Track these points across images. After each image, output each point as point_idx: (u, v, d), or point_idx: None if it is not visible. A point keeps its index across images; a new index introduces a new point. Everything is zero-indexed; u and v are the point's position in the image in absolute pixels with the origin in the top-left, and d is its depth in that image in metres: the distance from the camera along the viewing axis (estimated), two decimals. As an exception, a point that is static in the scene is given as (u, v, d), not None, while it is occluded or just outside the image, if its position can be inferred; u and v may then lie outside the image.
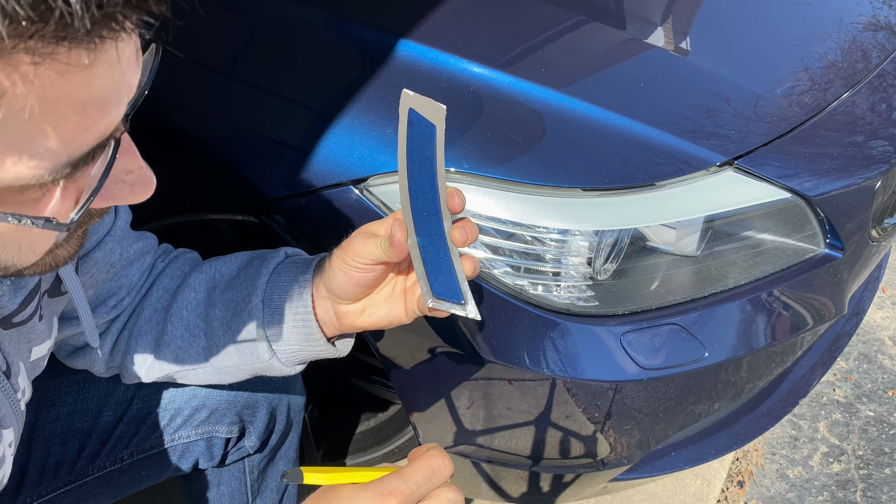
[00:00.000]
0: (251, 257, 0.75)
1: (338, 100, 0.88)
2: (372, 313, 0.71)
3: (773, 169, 0.92)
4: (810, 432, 1.75)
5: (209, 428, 0.89)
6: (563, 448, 1.03)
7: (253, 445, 0.94)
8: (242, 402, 0.89)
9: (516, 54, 0.94)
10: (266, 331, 0.71)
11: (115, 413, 0.85)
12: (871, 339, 2.00)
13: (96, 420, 0.84)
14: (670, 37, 1.06)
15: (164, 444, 0.88)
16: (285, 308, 0.70)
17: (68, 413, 0.83)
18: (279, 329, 0.71)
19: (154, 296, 0.76)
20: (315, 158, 0.87)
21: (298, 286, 0.70)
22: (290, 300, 0.70)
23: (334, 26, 0.93)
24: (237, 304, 0.72)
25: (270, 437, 0.95)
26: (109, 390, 0.84)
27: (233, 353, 0.73)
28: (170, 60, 1.05)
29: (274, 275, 0.72)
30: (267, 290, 0.71)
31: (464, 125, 0.87)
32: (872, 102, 1.08)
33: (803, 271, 0.98)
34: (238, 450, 0.94)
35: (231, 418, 0.89)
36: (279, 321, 0.70)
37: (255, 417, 0.91)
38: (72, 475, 0.84)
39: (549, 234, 0.87)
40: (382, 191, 0.86)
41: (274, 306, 0.70)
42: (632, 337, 0.91)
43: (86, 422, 0.84)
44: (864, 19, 1.23)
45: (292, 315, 0.70)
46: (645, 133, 0.89)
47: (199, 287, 0.74)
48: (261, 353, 0.72)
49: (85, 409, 0.84)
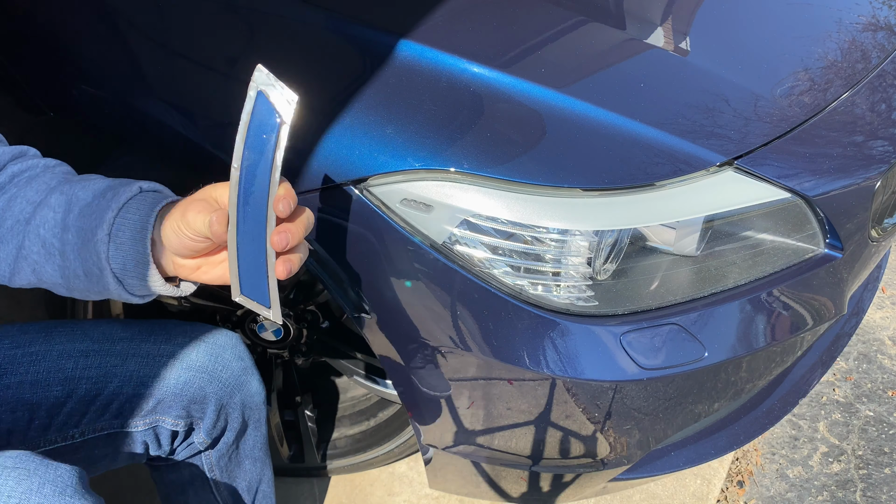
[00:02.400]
0: (107, 186, 0.76)
1: (338, 100, 0.88)
2: (207, 271, 0.73)
3: (773, 169, 0.92)
4: (810, 432, 1.75)
5: (156, 418, 0.90)
6: (563, 448, 1.03)
7: (202, 442, 0.94)
8: (190, 397, 0.89)
9: (516, 54, 0.94)
10: (111, 264, 0.73)
11: (64, 390, 0.87)
12: (871, 338, 2.00)
13: (45, 394, 0.86)
14: (670, 37, 1.06)
15: (113, 427, 0.89)
16: (128, 246, 0.73)
17: (18, 383, 0.85)
18: (122, 264, 0.73)
19: (17, 206, 0.77)
20: (315, 158, 0.87)
21: (141, 228, 0.73)
22: (133, 240, 0.73)
23: (334, 26, 0.93)
24: (86, 233, 0.74)
25: (223, 434, 0.95)
26: (60, 366, 0.86)
27: (83, 278, 0.76)
28: (170, 60, 1.06)
29: (123, 210, 0.73)
30: (114, 226, 0.72)
31: (464, 125, 0.87)
32: (872, 102, 1.08)
33: (803, 271, 0.98)
34: (188, 445, 0.95)
35: (178, 412, 0.90)
36: (122, 257, 0.73)
37: (204, 414, 0.91)
38: (24, 444, 0.86)
39: (548, 234, 0.88)
40: (382, 191, 0.86)
41: (119, 242, 0.73)
42: (632, 337, 0.91)
43: (34, 394, 0.86)
44: (864, 19, 1.23)
45: (134, 254, 0.73)
46: (645, 133, 0.89)
47: (58, 208, 0.76)
48: (108, 283, 0.74)
49: (34, 381, 0.86)
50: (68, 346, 0.87)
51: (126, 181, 0.76)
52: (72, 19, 1.02)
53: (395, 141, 0.86)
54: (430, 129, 0.86)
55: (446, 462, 1.12)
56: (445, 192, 0.85)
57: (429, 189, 0.85)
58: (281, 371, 1.35)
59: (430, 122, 0.86)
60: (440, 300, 0.90)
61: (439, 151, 0.85)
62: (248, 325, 1.25)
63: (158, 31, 0.98)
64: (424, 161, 0.85)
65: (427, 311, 0.91)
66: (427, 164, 0.85)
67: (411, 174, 0.85)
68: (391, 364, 1.00)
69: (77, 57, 1.03)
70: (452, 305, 0.90)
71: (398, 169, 0.85)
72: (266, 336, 1.27)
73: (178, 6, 0.98)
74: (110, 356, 0.88)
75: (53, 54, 1.04)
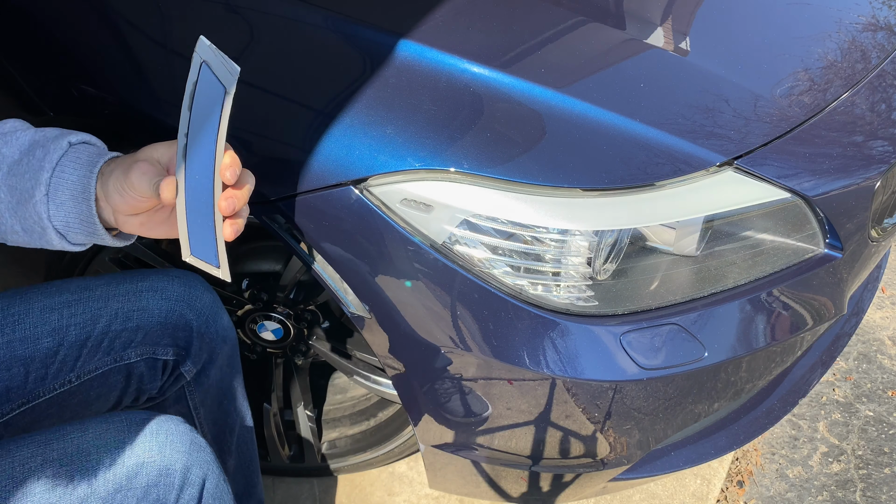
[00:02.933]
0: (33, 142, 0.77)
1: (338, 100, 0.88)
2: (151, 228, 0.75)
3: (773, 169, 0.92)
4: (810, 432, 1.75)
5: (146, 349, 0.95)
6: (563, 448, 1.03)
7: (189, 371, 1.00)
8: (174, 324, 0.95)
9: (516, 54, 0.94)
10: (52, 223, 0.74)
11: (54, 340, 0.90)
12: (871, 338, 2.00)
13: (36, 346, 0.89)
14: (670, 37, 1.06)
15: (107, 365, 0.94)
16: (70, 206, 0.74)
17: (7, 343, 0.88)
18: (65, 222, 0.75)
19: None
20: (315, 158, 0.87)
21: (83, 189, 0.74)
22: (74, 199, 0.74)
23: (334, 26, 0.93)
24: (21, 193, 0.75)
25: (205, 367, 1.01)
26: (45, 319, 0.90)
27: (21, 233, 0.77)
28: (170, 60, 1.06)
29: (58, 169, 0.74)
30: (51, 185, 0.73)
31: (464, 125, 0.87)
32: (872, 102, 1.08)
33: (803, 271, 0.98)
34: (176, 378, 1.00)
35: (166, 340, 0.95)
36: (64, 216, 0.74)
37: (190, 342, 0.97)
38: (24, 397, 0.89)
39: (548, 234, 0.88)
40: (382, 191, 0.86)
41: (59, 201, 0.74)
42: (631, 337, 0.91)
43: (26, 349, 0.89)
44: (864, 19, 1.23)
45: (77, 213, 0.74)
46: (645, 133, 0.89)
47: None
48: (50, 238, 0.76)
49: (23, 337, 0.89)
50: (48, 301, 0.90)
51: (52, 134, 0.77)
52: (72, 19, 1.02)
53: (395, 141, 0.86)
54: (430, 129, 0.86)
55: (446, 462, 1.12)
56: (445, 192, 0.85)
57: (429, 189, 0.85)
58: (281, 371, 1.35)
59: (430, 122, 0.86)
60: (440, 300, 0.90)
61: (439, 151, 0.85)
62: (248, 326, 1.25)
63: (158, 32, 0.98)
64: (424, 161, 0.85)
65: (427, 312, 0.91)
66: (427, 164, 0.85)
67: (411, 174, 0.85)
68: (391, 364, 1.00)
69: (77, 57, 1.03)
70: (452, 305, 0.90)
71: (398, 169, 0.85)
72: (266, 336, 1.27)
73: (178, 6, 0.98)
74: (92, 301, 0.92)
75: (53, 54, 1.04)
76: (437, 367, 0.96)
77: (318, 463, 1.44)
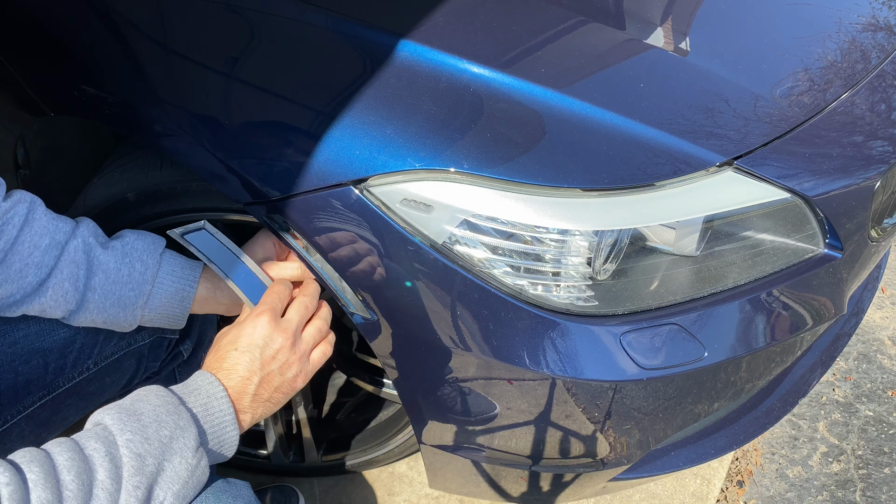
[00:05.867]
0: (127, 253, 0.89)
1: (338, 100, 0.88)
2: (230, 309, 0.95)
3: (773, 169, 0.92)
4: (810, 432, 1.75)
5: (156, 328, 1.01)
6: (563, 447, 1.03)
7: (187, 349, 1.07)
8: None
9: (516, 54, 0.94)
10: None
11: (70, 329, 0.93)
12: (871, 338, 2.00)
13: (53, 337, 0.92)
14: (670, 37, 1.06)
15: (121, 349, 0.99)
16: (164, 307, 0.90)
17: (24, 336, 0.91)
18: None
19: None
20: (315, 158, 0.87)
21: (181, 297, 0.91)
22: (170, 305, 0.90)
23: (334, 26, 0.93)
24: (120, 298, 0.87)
25: (195, 346, 1.08)
26: None
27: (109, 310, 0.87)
28: (170, 60, 1.06)
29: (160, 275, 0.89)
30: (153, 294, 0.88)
31: (464, 125, 0.87)
32: (872, 102, 1.08)
33: (803, 271, 0.98)
34: (174, 357, 1.07)
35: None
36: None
37: (192, 323, 1.06)
38: (44, 388, 0.92)
39: (548, 234, 0.88)
40: (382, 191, 0.86)
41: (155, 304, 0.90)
42: (631, 337, 0.91)
43: (43, 340, 0.91)
44: (863, 19, 1.23)
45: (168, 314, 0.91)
46: (645, 133, 0.89)
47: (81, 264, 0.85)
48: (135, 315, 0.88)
49: (39, 330, 0.92)
50: None
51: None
52: (72, 19, 1.02)
53: (395, 141, 0.86)
54: (430, 129, 0.86)
55: (446, 462, 1.12)
56: (445, 192, 0.85)
57: (429, 189, 0.85)
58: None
59: (430, 122, 0.86)
60: (440, 300, 0.90)
61: (439, 151, 0.85)
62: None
63: (159, 31, 0.98)
64: (424, 161, 0.85)
65: (427, 312, 0.91)
66: (427, 164, 0.85)
67: (411, 174, 0.85)
68: (391, 364, 1.00)
69: (77, 57, 1.03)
70: (452, 305, 0.90)
71: (398, 169, 0.85)
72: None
73: (178, 6, 0.98)
74: None
75: (53, 54, 1.04)
76: (437, 368, 0.96)
77: (319, 463, 1.44)
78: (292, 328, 0.83)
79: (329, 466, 1.46)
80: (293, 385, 0.83)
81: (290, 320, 0.84)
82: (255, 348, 0.79)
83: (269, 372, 0.80)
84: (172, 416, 0.70)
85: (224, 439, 0.74)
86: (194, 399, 0.73)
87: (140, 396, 0.72)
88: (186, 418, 0.70)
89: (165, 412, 0.70)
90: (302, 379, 0.84)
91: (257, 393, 0.78)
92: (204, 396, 0.74)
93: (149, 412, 0.69)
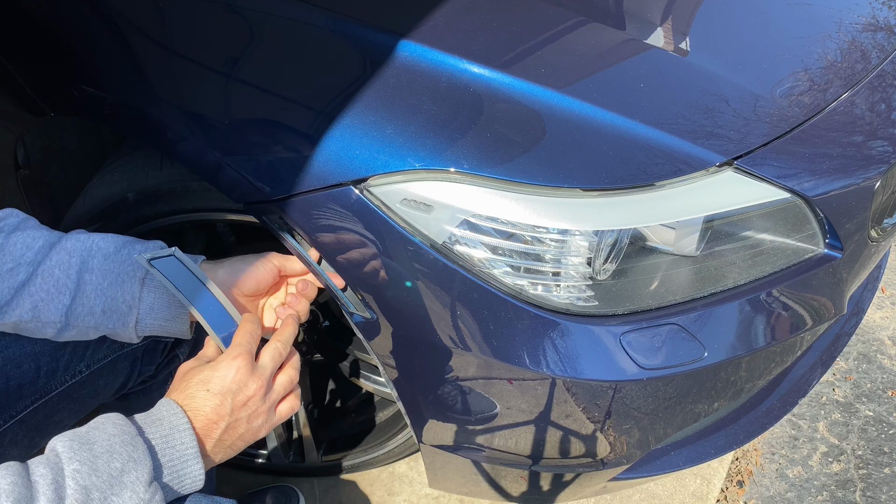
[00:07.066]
0: (127, 240, 0.87)
1: (338, 100, 0.88)
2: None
3: (773, 169, 0.92)
4: (810, 432, 1.75)
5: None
6: (563, 447, 1.03)
7: (183, 352, 1.05)
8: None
9: (516, 54, 0.94)
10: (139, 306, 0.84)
11: None
12: (871, 338, 2.00)
13: (44, 340, 0.89)
14: (670, 37, 1.06)
15: (114, 352, 0.97)
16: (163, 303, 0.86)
17: (15, 339, 0.89)
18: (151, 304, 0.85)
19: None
20: (315, 158, 0.87)
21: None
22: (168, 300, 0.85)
23: (334, 26, 0.93)
24: (118, 275, 0.83)
25: (192, 348, 1.06)
26: None
27: (98, 314, 0.84)
28: (169, 60, 1.06)
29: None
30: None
31: (464, 125, 0.87)
32: (872, 102, 1.08)
33: (803, 271, 0.98)
34: (171, 360, 1.05)
35: None
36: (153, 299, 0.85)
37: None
38: (36, 392, 0.91)
39: (548, 234, 0.88)
40: (382, 191, 0.86)
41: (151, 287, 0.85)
42: (631, 337, 0.91)
43: (34, 344, 0.90)
44: (863, 19, 1.23)
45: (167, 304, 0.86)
46: (645, 133, 0.89)
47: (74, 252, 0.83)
48: (128, 321, 0.84)
49: None
50: None
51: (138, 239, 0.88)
52: (72, 19, 1.02)
53: (395, 141, 0.86)
54: (430, 129, 0.86)
55: (446, 461, 1.12)
56: (445, 192, 0.85)
57: (429, 189, 0.85)
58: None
59: (430, 122, 0.86)
60: (440, 300, 0.90)
61: (439, 151, 0.85)
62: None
63: (158, 31, 0.98)
64: (424, 161, 0.85)
65: (427, 312, 0.91)
66: (427, 164, 0.85)
67: (411, 174, 0.85)
68: (391, 364, 1.00)
69: (77, 57, 1.03)
70: (452, 305, 0.90)
71: (398, 169, 0.85)
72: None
73: (178, 6, 0.98)
74: None
75: (53, 54, 1.04)
76: (437, 367, 0.96)
77: (319, 463, 1.44)
78: (266, 375, 0.80)
79: (329, 466, 1.46)
80: (256, 435, 0.80)
81: (264, 367, 0.81)
82: (229, 393, 0.76)
83: (238, 419, 0.77)
84: (127, 448, 0.67)
85: (184, 473, 0.71)
86: (155, 430, 0.70)
87: (97, 424, 0.69)
88: (142, 450, 0.67)
89: (120, 442, 0.67)
90: (266, 430, 0.81)
91: (222, 438, 0.75)
92: (166, 428, 0.71)
93: (102, 441, 0.66)
